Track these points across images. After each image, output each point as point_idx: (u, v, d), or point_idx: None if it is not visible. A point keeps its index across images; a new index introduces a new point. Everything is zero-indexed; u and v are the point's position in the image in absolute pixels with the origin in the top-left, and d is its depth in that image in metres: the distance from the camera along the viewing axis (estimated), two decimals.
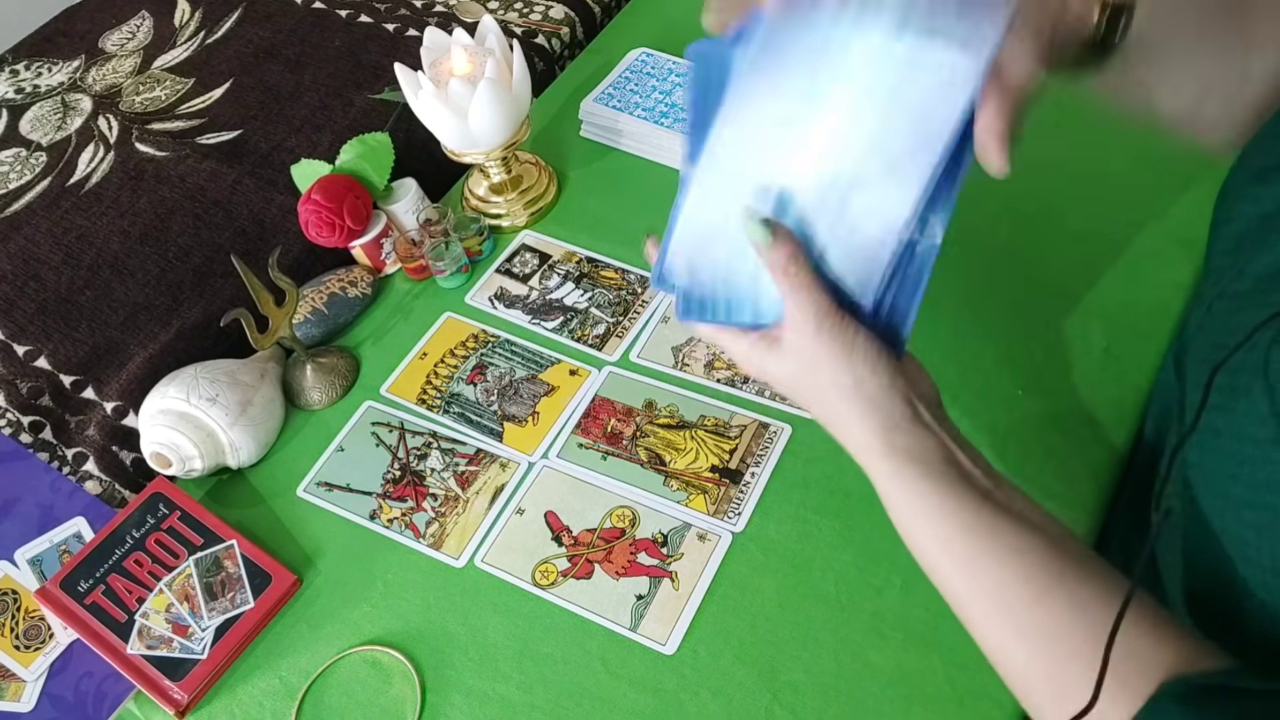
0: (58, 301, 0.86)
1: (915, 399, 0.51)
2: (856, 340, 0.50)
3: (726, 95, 0.51)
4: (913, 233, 0.50)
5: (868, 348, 0.50)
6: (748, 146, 0.51)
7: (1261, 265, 0.48)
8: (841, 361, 0.50)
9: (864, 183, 0.49)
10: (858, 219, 0.50)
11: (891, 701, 0.59)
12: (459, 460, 0.74)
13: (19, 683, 0.66)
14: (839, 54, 0.48)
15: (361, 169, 0.85)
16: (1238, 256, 0.51)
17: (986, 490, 0.49)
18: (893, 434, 0.50)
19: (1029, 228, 0.83)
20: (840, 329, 0.50)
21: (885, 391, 0.50)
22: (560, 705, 0.61)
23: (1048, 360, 0.74)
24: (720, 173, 0.52)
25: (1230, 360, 0.46)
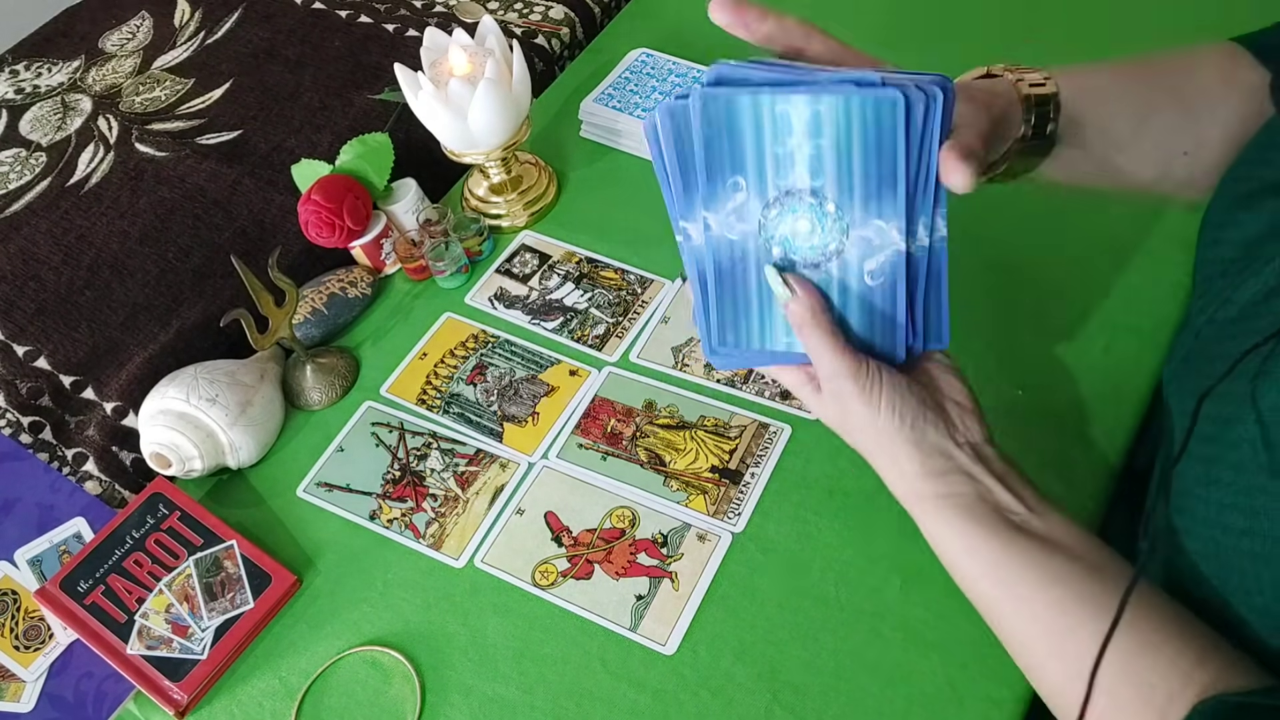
0: (57, 302, 0.86)
1: (953, 447, 0.51)
2: (882, 394, 0.51)
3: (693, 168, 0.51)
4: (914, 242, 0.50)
5: (893, 404, 0.51)
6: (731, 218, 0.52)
7: (1248, 292, 0.49)
8: (870, 417, 0.51)
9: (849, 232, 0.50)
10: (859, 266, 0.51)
11: (891, 701, 0.59)
12: (459, 460, 0.74)
13: (19, 683, 0.66)
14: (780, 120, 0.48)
15: (361, 169, 0.85)
16: (1225, 283, 0.51)
17: (1024, 522, 0.49)
18: (927, 482, 0.51)
19: (1029, 228, 0.83)
20: (864, 390, 0.51)
21: (916, 445, 0.51)
22: (560, 705, 0.61)
23: (1048, 360, 0.74)
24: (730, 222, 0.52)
25: (1217, 388, 0.46)
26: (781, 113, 0.48)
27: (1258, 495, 0.43)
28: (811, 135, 0.48)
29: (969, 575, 0.50)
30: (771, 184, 0.50)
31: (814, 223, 0.50)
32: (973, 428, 0.52)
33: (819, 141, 0.48)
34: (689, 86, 0.52)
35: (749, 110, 0.48)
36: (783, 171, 0.49)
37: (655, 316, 0.81)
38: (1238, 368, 0.45)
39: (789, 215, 0.51)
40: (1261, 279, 0.48)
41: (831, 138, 0.48)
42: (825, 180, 0.49)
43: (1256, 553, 0.43)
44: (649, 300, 0.82)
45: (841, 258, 0.51)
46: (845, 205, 0.49)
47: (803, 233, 0.51)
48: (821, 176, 0.49)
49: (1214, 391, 0.46)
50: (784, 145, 0.49)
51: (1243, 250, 0.51)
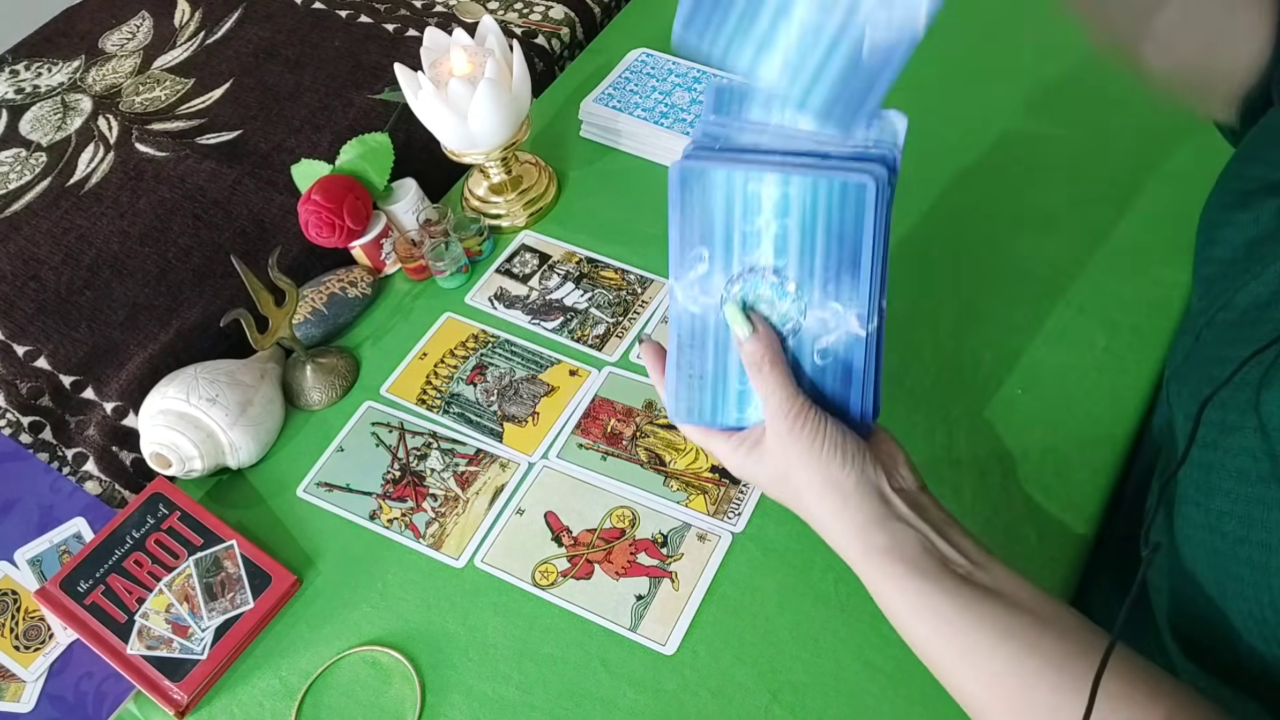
0: (57, 301, 0.86)
1: (891, 492, 0.50)
2: (826, 435, 0.50)
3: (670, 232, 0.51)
4: (864, 326, 0.51)
5: (835, 441, 0.50)
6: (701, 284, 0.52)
7: (1248, 296, 0.48)
8: (811, 458, 0.50)
9: (806, 312, 0.51)
10: (811, 345, 0.52)
11: (891, 701, 0.59)
12: (459, 460, 0.74)
13: (19, 683, 0.66)
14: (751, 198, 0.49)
15: (361, 169, 0.85)
16: (1225, 284, 0.51)
17: (969, 575, 0.48)
18: (868, 532, 0.49)
19: (1028, 228, 0.83)
20: (811, 426, 0.50)
21: (856, 485, 0.50)
22: (560, 705, 0.61)
23: (1048, 360, 0.74)
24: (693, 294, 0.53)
25: (1219, 395, 0.46)
26: (753, 191, 0.49)
27: (1255, 505, 0.42)
28: (779, 215, 0.49)
29: (919, 635, 0.48)
30: (737, 259, 0.51)
31: (774, 300, 0.51)
32: (907, 476, 0.52)
33: (785, 221, 0.49)
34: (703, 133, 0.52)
35: (722, 185, 0.49)
36: (749, 248, 0.50)
37: (655, 316, 0.81)
38: (1239, 374, 0.45)
39: (750, 292, 0.51)
40: (1262, 282, 0.47)
41: (798, 218, 0.49)
42: (788, 260, 0.50)
43: (1255, 561, 0.43)
44: (649, 300, 0.82)
45: (798, 336, 0.52)
46: (805, 286, 0.50)
47: (763, 309, 0.52)
48: (785, 256, 0.50)
49: (1216, 398, 0.46)
50: (752, 223, 0.49)
51: (1243, 251, 0.50)
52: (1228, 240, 0.52)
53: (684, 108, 0.92)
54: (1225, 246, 0.52)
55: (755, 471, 0.54)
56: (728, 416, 0.55)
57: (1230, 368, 0.45)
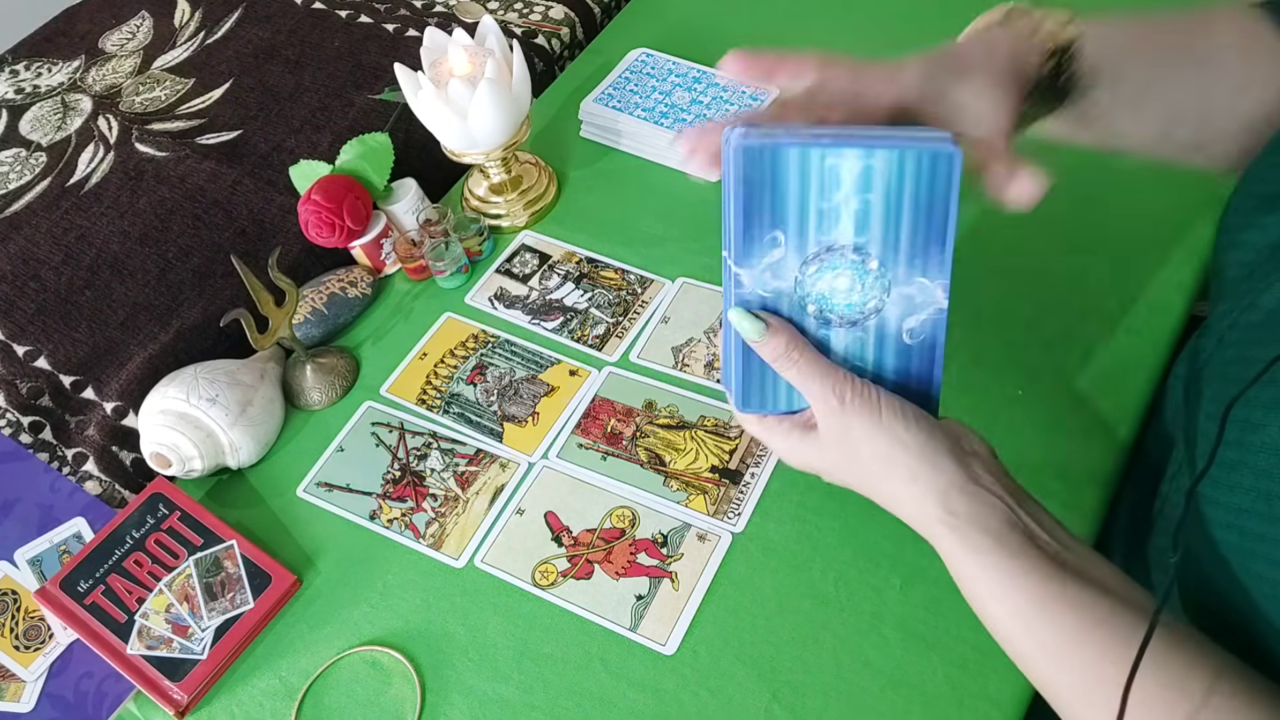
0: (58, 301, 0.86)
1: (964, 453, 0.48)
2: (882, 401, 0.48)
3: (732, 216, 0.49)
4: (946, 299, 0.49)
5: (894, 405, 0.48)
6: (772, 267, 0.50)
7: (1273, 297, 0.47)
8: (873, 425, 0.48)
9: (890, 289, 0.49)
10: (898, 324, 0.50)
11: (891, 701, 0.59)
12: (459, 460, 0.74)
13: (19, 683, 0.66)
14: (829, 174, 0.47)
15: (361, 169, 0.85)
16: (1249, 286, 0.50)
17: (1056, 555, 0.46)
18: (948, 497, 0.47)
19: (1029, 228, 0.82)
20: (862, 396, 0.48)
21: (927, 447, 0.47)
22: (560, 705, 0.61)
23: (1048, 360, 0.74)
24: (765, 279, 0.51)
25: (1245, 394, 0.45)
26: (831, 166, 0.46)
27: (1277, 502, 0.42)
28: (860, 190, 0.47)
29: (1002, 617, 0.46)
30: (813, 239, 0.48)
31: (854, 280, 0.49)
32: (979, 444, 0.50)
33: (867, 196, 0.47)
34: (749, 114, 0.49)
35: (796, 162, 0.46)
36: (826, 227, 0.48)
37: (655, 316, 0.81)
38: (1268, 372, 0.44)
39: (828, 272, 0.49)
40: None
41: (882, 192, 0.47)
42: (870, 236, 0.48)
43: (1276, 559, 0.42)
44: (649, 300, 0.82)
45: (880, 315, 0.50)
46: (889, 262, 0.48)
47: (841, 290, 0.49)
48: (866, 232, 0.48)
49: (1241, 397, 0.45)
50: (829, 200, 0.47)
51: (1267, 254, 0.50)
52: (1250, 243, 0.51)
53: (684, 108, 0.92)
54: (1248, 249, 0.51)
55: (814, 460, 0.52)
56: (803, 400, 0.52)
57: (1256, 368, 0.44)
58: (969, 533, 0.46)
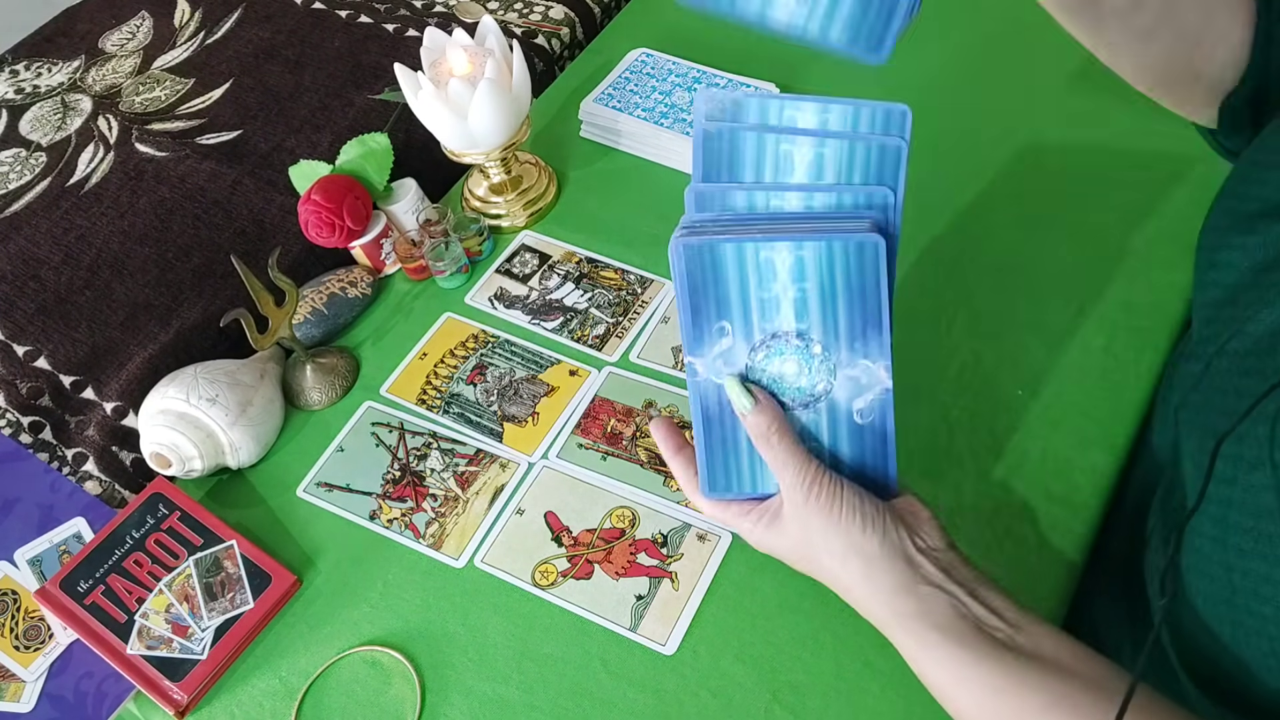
0: (57, 301, 0.86)
1: (916, 554, 0.49)
2: (843, 500, 0.49)
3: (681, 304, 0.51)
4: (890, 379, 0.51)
5: (854, 505, 0.49)
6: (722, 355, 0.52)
7: (1261, 324, 0.47)
8: (831, 525, 0.49)
9: (836, 372, 0.51)
10: (848, 405, 0.52)
11: (891, 701, 0.59)
12: (459, 460, 0.74)
13: (19, 683, 0.66)
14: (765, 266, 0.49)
15: (361, 169, 0.85)
16: (1234, 311, 0.50)
17: (1009, 640, 0.46)
18: (896, 598, 0.48)
19: (1029, 228, 0.83)
20: (828, 493, 0.49)
21: (879, 550, 0.49)
22: (560, 705, 0.61)
23: (1048, 360, 0.74)
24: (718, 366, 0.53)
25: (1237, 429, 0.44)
26: (765, 259, 0.49)
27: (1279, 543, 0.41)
28: (795, 279, 0.49)
29: (962, 705, 0.47)
30: (757, 328, 0.51)
31: (801, 364, 0.51)
32: (933, 535, 0.51)
33: (803, 285, 0.49)
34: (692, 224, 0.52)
35: (733, 257, 0.49)
36: (768, 315, 0.50)
37: (655, 316, 0.81)
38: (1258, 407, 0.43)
39: (776, 357, 0.51)
40: (1275, 311, 0.46)
41: (815, 281, 0.49)
42: (810, 323, 0.50)
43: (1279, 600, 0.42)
44: (649, 300, 0.82)
45: (829, 398, 0.52)
46: (831, 346, 0.50)
47: (790, 374, 0.52)
48: (806, 319, 0.50)
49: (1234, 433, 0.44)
50: (769, 290, 0.50)
51: (1250, 276, 0.49)
52: (1232, 264, 0.51)
53: (684, 108, 0.92)
54: (1229, 270, 0.51)
55: (776, 545, 0.53)
56: (768, 484, 0.54)
57: (1246, 400, 0.44)
58: (917, 629, 0.47)
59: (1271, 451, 0.42)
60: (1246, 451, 0.44)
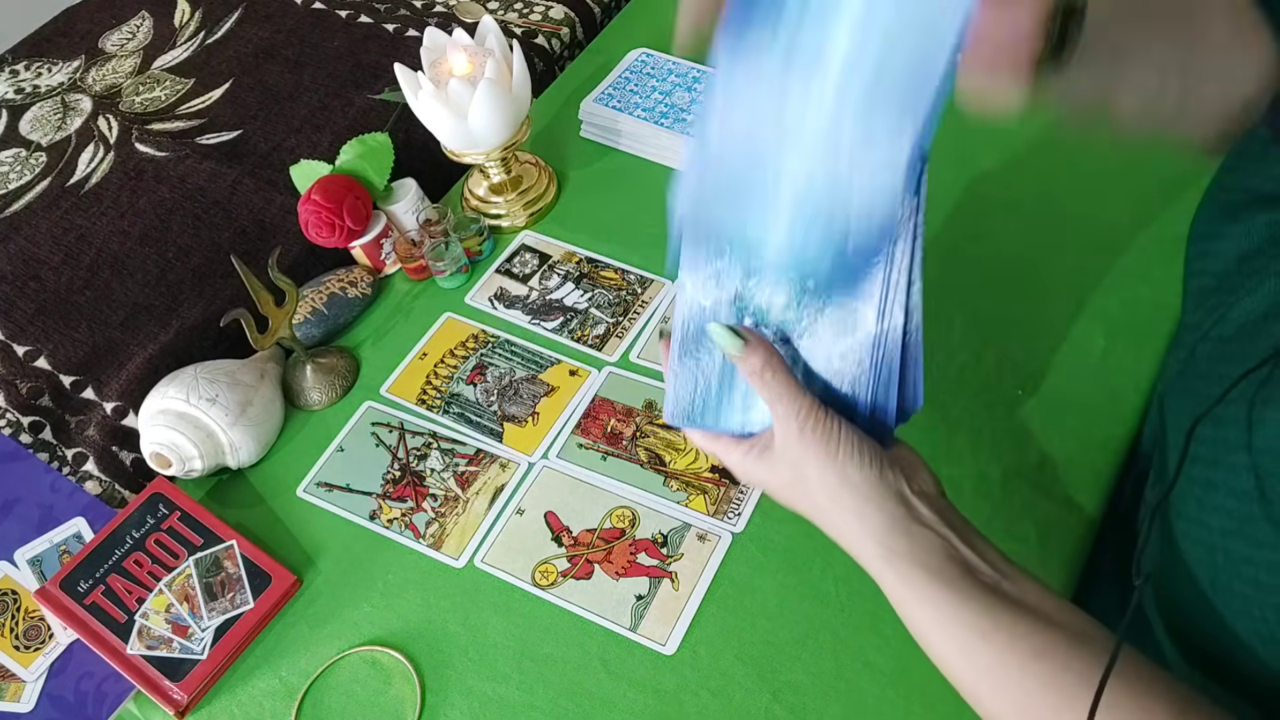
0: (58, 301, 0.86)
1: (911, 494, 0.49)
2: (840, 436, 0.48)
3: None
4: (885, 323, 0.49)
5: (851, 441, 0.48)
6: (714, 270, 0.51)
7: (1242, 311, 0.47)
8: (827, 460, 0.48)
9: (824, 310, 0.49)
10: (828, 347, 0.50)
11: (891, 701, 0.59)
12: (459, 460, 0.74)
13: (19, 683, 0.66)
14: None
15: (361, 169, 0.85)
16: (1219, 299, 0.50)
17: (995, 585, 0.46)
18: (890, 536, 0.47)
19: (1029, 228, 0.83)
20: (824, 428, 0.48)
21: (875, 487, 0.48)
22: (560, 705, 0.61)
23: (1048, 360, 0.74)
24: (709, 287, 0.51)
25: (1214, 412, 0.44)
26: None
27: (1259, 524, 0.42)
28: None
29: (944, 650, 0.47)
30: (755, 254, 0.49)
31: (791, 297, 0.49)
32: (927, 480, 0.50)
33: None
34: None
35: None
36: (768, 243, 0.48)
37: (655, 316, 0.81)
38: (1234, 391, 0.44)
39: (768, 286, 0.50)
40: (1257, 298, 0.47)
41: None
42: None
43: (1260, 581, 0.42)
44: (649, 300, 0.82)
45: (814, 336, 0.50)
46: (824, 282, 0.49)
47: (778, 306, 0.50)
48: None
49: (1210, 415, 0.45)
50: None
51: (1235, 264, 0.50)
52: (1218, 253, 0.51)
53: (684, 108, 0.92)
54: (1216, 259, 0.51)
55: (766, 477, 0.52)
56: (732, 420, 0.53)
57: (1224, 384, 0.44)
58: (905, 568, 0.47)
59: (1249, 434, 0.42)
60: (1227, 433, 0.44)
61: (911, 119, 0.45)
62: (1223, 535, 0.44)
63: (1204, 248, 0.53)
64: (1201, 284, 0.53)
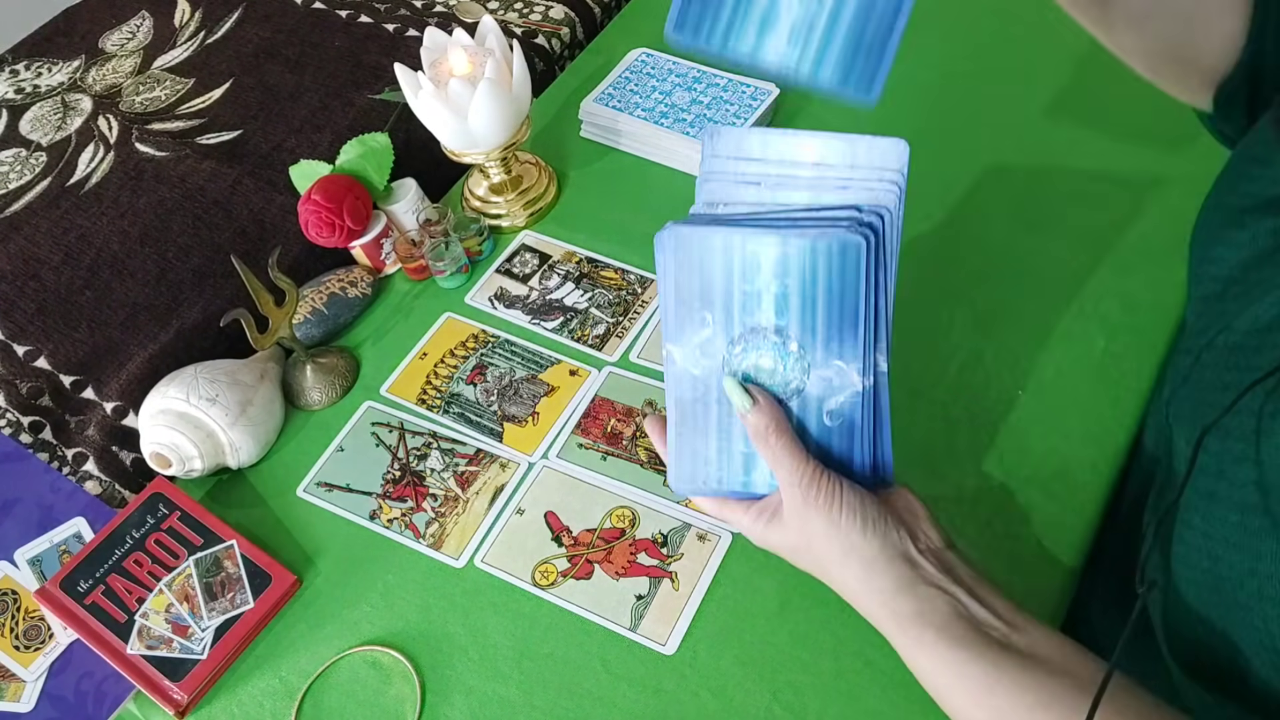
0: (58, 301, 0.86)
1: (916, 554, 0.49)
2: (842, 501, 0.49)
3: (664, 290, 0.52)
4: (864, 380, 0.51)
5: (853, 506, 0.49)
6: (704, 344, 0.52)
7: (1249, 319, 0.47)
8: (831, 528, 0.49)
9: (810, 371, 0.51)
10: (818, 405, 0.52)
11: (891, 701, 0.59)
12: (459, 460, 0.74)
13: (19, 683, 0.66)
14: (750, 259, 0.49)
15: (361, 169, 0.85)
16: (1224, 306, 0.50)
17: (1004, 639, 0.47)
18: (897, 599, 0.48)
19: (1029, 228, 0.83)
20: (826, 493, 0.49)
21: (879, 552, 0.49)
22: (560, 705, 0.61)
23: (1048, 360, 0.74)
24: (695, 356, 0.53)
25: (1221, 422, 0.45)
26: (751, 252, 0.49)
27: (1263, 538, 0.42)
28: (778, 275, 0.49)
29: (957, 704, 0.47)
30: (738, 320, 0.51)
31: (777, 360, 0.51)
32: (932, 535, 0.51)
33: (785, 281, 0.49)
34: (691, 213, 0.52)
35: (720, 248, 0.49)
36: (749, 309, 0.51)
37: (655, 316, 0.81)
38: (1241, 402, 0.44)
39: (753, 352, 0.51)
40: (1264, 306, 0.47)
41: (797, 278, 0.49)
42: (789, 319, 0.50)
43: (1264, 593, 0.42)
44: (649, 300, 0.82)
45: (802, 396, 0.52)
46: (808, 345, 0.51)
47: (765, 370, 0.52)
48: (786, 316, 0.50)
49: (1217, 426, 0.45)
50: (752, 284, 0.50)
51: (1240, 271, 0.50)
52: (1223, 258, 0.51)
53: (684, 108, 0.92)
54: (1221, 265, 0.51)
55: (777, 541, 0.53)
56: (734, 481, 0.55)
57: (1231, 394, 0.44)
58: (914, 628, 0.48)
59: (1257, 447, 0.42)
60: (1232, 446, 0.44)
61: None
62: (1226, 547, 0.44)
63: (1208, 253, 0.53)
64: (1206, 290, 0.53)
